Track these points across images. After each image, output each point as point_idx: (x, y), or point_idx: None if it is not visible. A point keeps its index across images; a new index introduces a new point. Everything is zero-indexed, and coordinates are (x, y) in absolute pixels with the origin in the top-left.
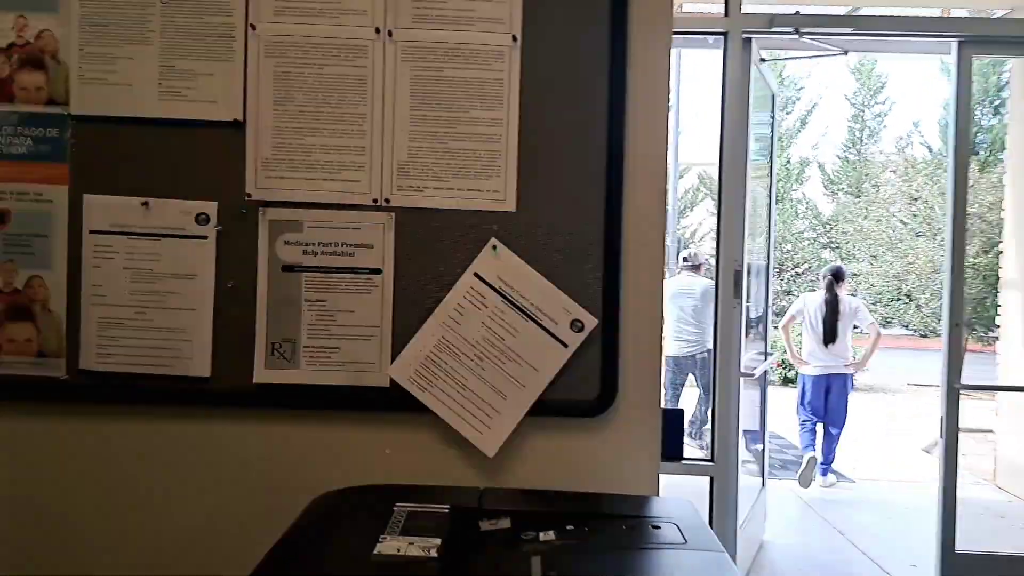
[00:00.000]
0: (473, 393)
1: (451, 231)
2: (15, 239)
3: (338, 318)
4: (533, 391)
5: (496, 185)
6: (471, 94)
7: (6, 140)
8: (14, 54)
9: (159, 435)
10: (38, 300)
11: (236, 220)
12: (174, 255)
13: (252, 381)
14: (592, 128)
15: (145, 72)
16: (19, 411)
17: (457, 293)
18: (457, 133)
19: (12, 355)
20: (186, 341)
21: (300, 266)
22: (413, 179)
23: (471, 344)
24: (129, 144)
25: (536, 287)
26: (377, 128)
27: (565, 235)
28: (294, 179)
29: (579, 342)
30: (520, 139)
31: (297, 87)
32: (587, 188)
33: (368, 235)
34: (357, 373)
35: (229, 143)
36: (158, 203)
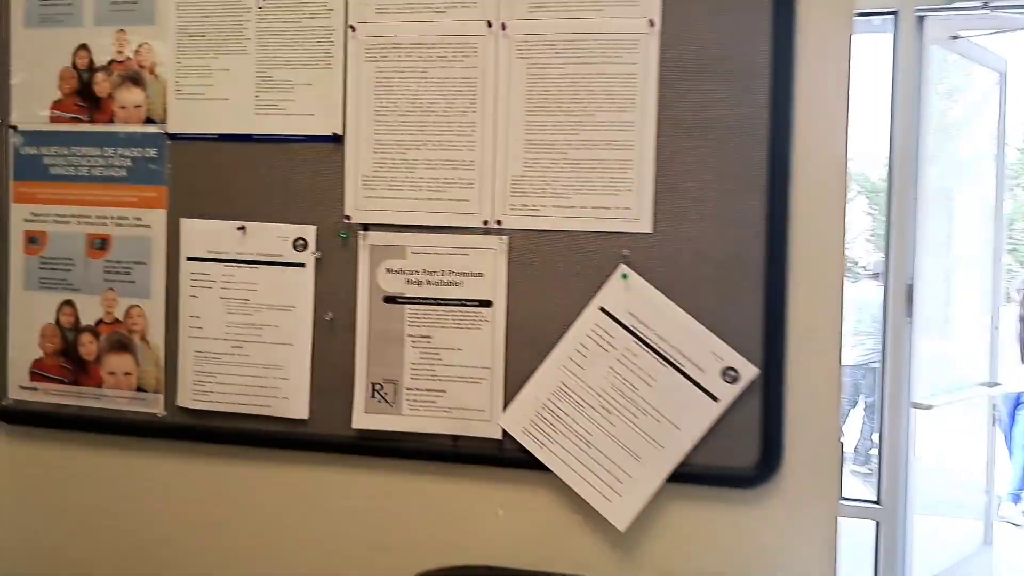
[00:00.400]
0: (600, 452)
1: (573, 256)
2: (115, 266)
3: (444, 357)
4: (674, 454)
5: (627, 201)
6: (598, 93)
7: (107, 162)
8: (114, 71)
9: (254, 479)
10: (137, 331)
11: (335, 245)
12: (271, 284)
13: (351, 426)
14: (749, 130)
15: (242, 84)
16: (118, 445)
17: (579, 331)
18: (581, 141)
19: (112, 388)
20: (283, 379)
21: (403, 297)
22: (529, 196)
23: (596, 393)
24: (225, 163)
25: (677, 325)
26: (488, 138)
27: (714, 261)
28: (396, 199)
29: (734, 396)
30: (657, 145)
31: (399, 94)
32: (743, 203)
33: (477, 262)
34: (465, 422)
35: (328, 160)
36: (255, 227)
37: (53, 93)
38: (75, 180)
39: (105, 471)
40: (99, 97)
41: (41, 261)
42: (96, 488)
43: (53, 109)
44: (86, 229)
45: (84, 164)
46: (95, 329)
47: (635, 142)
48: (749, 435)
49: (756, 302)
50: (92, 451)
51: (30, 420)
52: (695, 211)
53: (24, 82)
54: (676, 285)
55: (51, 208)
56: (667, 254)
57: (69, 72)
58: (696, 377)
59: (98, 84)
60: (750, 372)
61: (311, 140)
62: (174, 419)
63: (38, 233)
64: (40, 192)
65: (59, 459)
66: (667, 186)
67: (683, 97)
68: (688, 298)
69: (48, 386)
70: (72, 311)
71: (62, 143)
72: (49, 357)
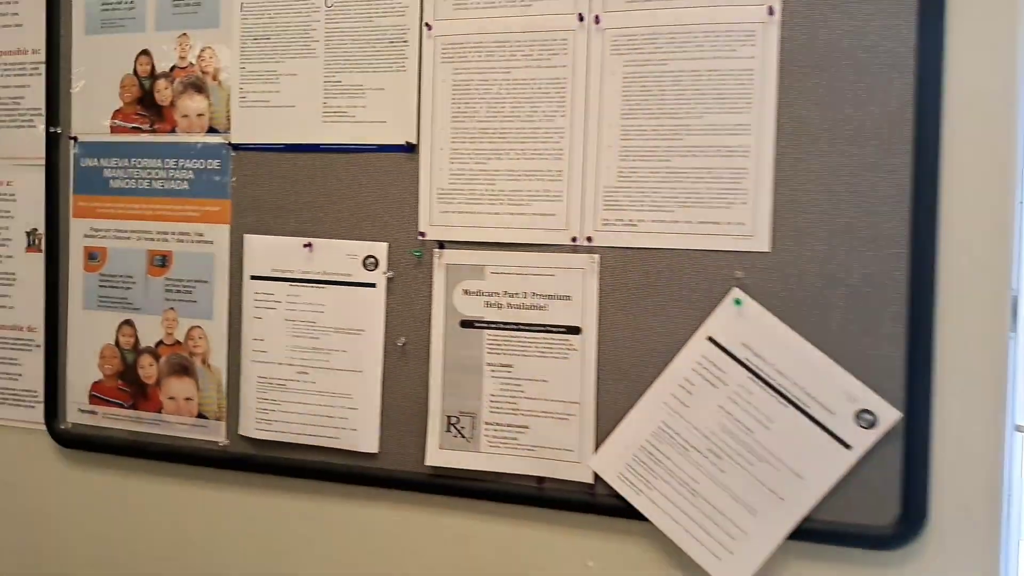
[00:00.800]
0: (707, 503)
1: (675, 279)
2: (176, 284)
3: (527, 389)
4: (797, 507)
5: (741, 215)
6: (707, 92)
7: (168, 174)
8: (176, 77)
9: (318, 515)
10: (199, 354)
11: (408, 264)
12: (339, 306)
13: (424, 462)
14: (889, 131)
15: (309, 90)
16: (178, 474)
17: (684, 364)
18: (686, 147)
19: (173, 414)
20: (351, 409)
21: (481, 321)
22: (624, 210)
23: (703, 435)
24: (291, 175)
25: (801, 360)
26: (578, 145)
27: (846, 285)
28: (475, 213)
29: (869, 443)
30: (777, 150)
31: (479, 98)
32: (881, 217)
33: (565, 283)
34: (551, 462)
35: (400, 171)
36: (322, 244)
37: (114, 102)
38: (136, 193)
39: (164, 501)
40: (160, 105)
41: (101, 278)
42: (154, 518)
43: (114, 119)
44: (147, 245)
45: (145, 176)
46: (155, 351)
47: (751, 147)
48: (887, 488)
49: (897, 333)
50: (151, 479)
51: (88, 445)
52: (822, 226)
53: (85, 91)
54: (799, 313)
55: (111, 223)
56: (788, 276)
57: (130, 79)
58: (824, 420)
59: (160, 92)
60: (890, 416)
61: (382, 149)
62: (236, 449)
63: (98, 249)
64: (100, 206)
65: (116, 486)
66: (788, 198)
67: (808, 95)
68: (814, 328)
69: (107, 410)
70: (132, 331)
71: (123, 154)
72: (108, 379)
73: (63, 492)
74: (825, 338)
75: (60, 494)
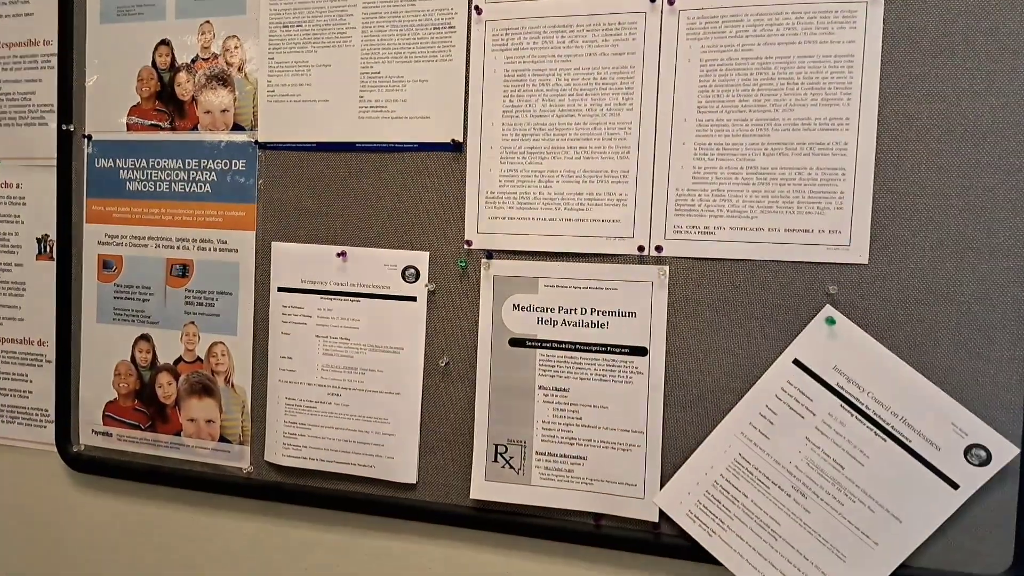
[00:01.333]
0: (790, 546)
1: (757, 294)
2: (197, 296)
3: (584, 416)
4: (893, 554)
5: (836, 222)
6: (798, 82)
7: (189, 176)
8: (198, 70)
9: (351, 549)
10: (221, 372)
11: (452, 276)
12: (375, 321)
13: (468, 495)
14: (1009, 127)
15: (344, 83)
16: (199, 502)
17: (765, 390)
18: (772, 144)
19: (193, 437)
20: (388, 435)
21: (534, 340)
22: (699, 216)
23: (787, 471)
24: (323, 177)
25: (902, 387)
26: (647, 142)
27: (956, 303)
28: (528, 220)
29: (981, 482)
30: (879, 148)
31: (535, 90)
32: (998, 225)
33: (630, 298)
34: (611, 498)
35: (445, 172)
36: (357, 253)
37: (131, 97)
38: (154, 197)
39: (183, 530)
40: (181, 100)
41: (116, 289)
42: (173, 548)
43: (131, 115)
44: (165, 253)
45: (164, 179)
46: (174, 369)
47: (848, 145)
48: (1000, 534)
49: (1016, 359)
50: (169, 507)
51: (102, 469)
52: (929, 235)
53: (99, 85)
54: (901, 333)
55: (127, 229)
56: (889, 292)
57: (148, 72)
58: (928, 456)
59: (180, 85)
60: (1006, 452)
61: (425, 148)
62: (261, 476)
63: (113, 257)
64: (116, 211)
65: (132, 515)
66: (890, 203)
67: (915, 85)
68: (918, 351)
69: (122, 431)
70: (149, 347)
71: (140, 154)
72: (124, 399)
73: (75, 519)
74: (930, 362)
75: (72, 521)
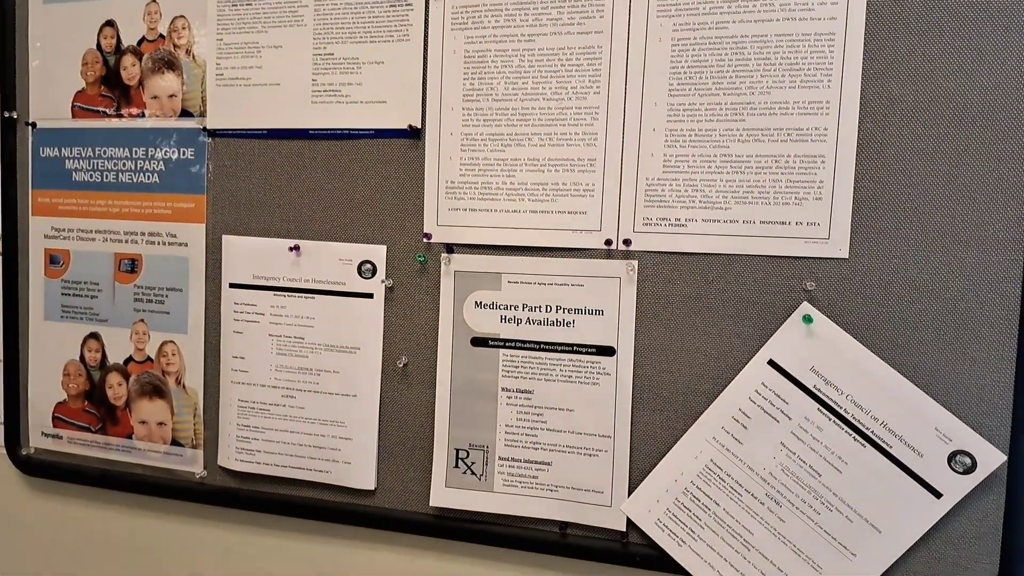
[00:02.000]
0: (764, 557)
1: (731, 290)
2: (147, 293)
3: (549, 419)
4: (872, 566)
5: (814, 213)
6: (775, 63)
7: (136, 165)
8: (144, 52)
9: (308, 558)
10: (172, 372)
11: (411, 271)
12: (331, 319)
13: (429, 503)
14: (1001, 109)
15: (296, 65)
16: (151, 507)
17: (739, 393)
18: (747, 130)
19: (144, 440)
20: (345, 439)
21: (497, 339)
22: (670, 207)
23: (760, 478)
24: (275, 166)
25: (883, 389)
26: (615, 128)
27: (941, 299)
28: (490, 212)
29: (965, 491)
30: (861, 134)
31: (496, 72)
32: (987, 216)
33: (597, 295)
34: (577, 505)
35: (402, 161)
36: (311, 247)
37: (76, 82)
38: (101, 188)
39: (136, 536)
40: (128, 85)
41: (63, 285)
42: (125, 555)
43: (76, 101)
44: (114, 248)
45: (111, 168)
46: (124, 369)
47: (828, 130)
48: (984, 544)
49: (1004, 359)
50: (121, 512)
51: (52, 473)
52: (913, 227)
53: (43, 69)
54: (882, 332)
55: (74, 222)
56: (870, 288)
57: (94, 55)
58: (910, 463)
59: (126, 69)
60: (992, 459)
61: (382, 135)
62: (214, 481)
63: (60, 252)
64: (62, 203)
65: (84, 519)
66: (872, 192)
67: (900, 64)
68: (900, 351)
69: (72, 434)
70: (98, 346)
71: (86, 142)
72: (74, 400)
73: (25, 523)
74: (913, 363)
75: (22, 526)
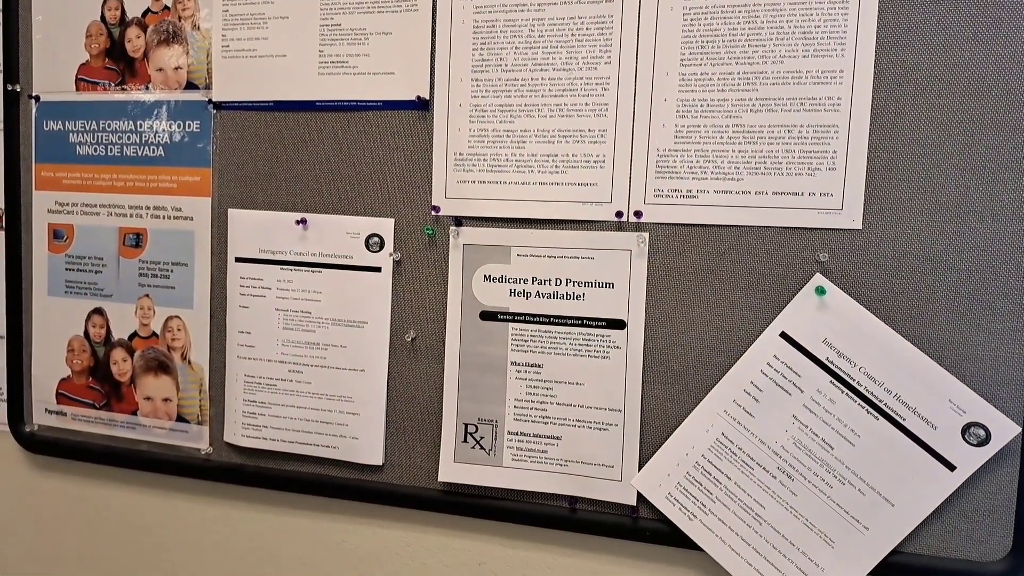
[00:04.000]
0: (776, 531)
1: (743, 262)
2: (151, 268)
3: (559, 393)
4: (885, 539)
5: (827, 184)
6: (788, 32)
7: (141, 139)
8: (149, 24)
9: (315, 534)
10: (177, 348)
11: (419, 244)
12: (338, 293)
13: (437, 478)
14: (1017, 78)
15: (303, 36)
16: (156, 484)
17: (750, 365)
18: (760, 100)
19: (149, 416)
20: (352, 414)
21: (506, 313)
22: (681, 178)
23: (772, 451)
24: (281, 138)
25: (897, 361)
26: (626, 100)
27: (956, 271)
28: (499, 184)
29: (979, 463)
30: (875, 104)
31: (506, 42)
32: (1002, 187)
33: (607, 268)
34: (586, 480)
35: (411, 132)
36: (318, 220)
37: (80, 54)
38: (105, 162)
39: (141, 513)
40: (132, 58)
41: (67, 260)
42: (130, 532)
43: (80, 74)
44: (118, 222)
45: (116, 142)
46: (129, 344)
47: (842, 100)
48: (998, 517)
49: (1018, 330)
50: (126, 489)
51: (56, 450)
52: (927, 198)
53: (47, 41)
54: (895, 304)
55: (78, 196)
56: (883, 260)
57: (98, 27)
58: (923, 435)
59: (131, 41)
60: (1007, 431)
61: (389, 107)
62: (220, 458)
63: (64, 226)
64: (66, 177)
65: (88, 496)
66: (886, 163)
67: (914, 33)
68: (914, 323)
69: (77, 410)
70: (103, 321)
71: (90, 116)
72: (78, 376)
73: (29, 501)
74: (927, 335)
75: (26, 503)
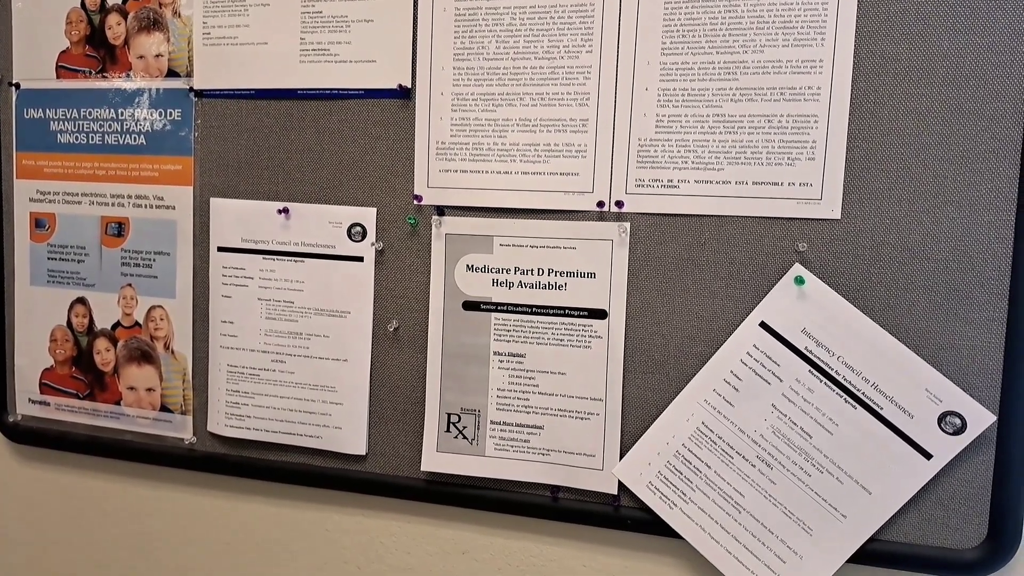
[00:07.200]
0: (755, 519)
1: (723, 252)
2: (134, 257)
3: (541, 383)
4: (862, 527)
5: (807, 174)
6: (768, 20)
7: (123, 127)
8: (130, 11)
9: (298, 524)
10: (160, 338)
11: (401, 234)
12: (320, 283)
13: (420, 467)
14: (996, 69)
15: (284, 23)
16: (139, 474)
17: (730, 355)
18: (740, 89)
19: (133, 406)
20: (335, 404)
21: (488, 303)
22: (663, 168)
23: (751, 440)
24: (263, 127)
25: (875, 351)
26: (607, 89)
27: (933, 261)
28: (481, 173)
29: (955, 451)
30: (854, 93)
31: (487, 31)
32: (980, 177)
33: (589, 257)
34: (568, 469)
35: (392, 121)
36: (300, 209)
37: (60, 41)
38: (86, 150)
39: (125, 503)
40: (113, 45)
41: (49, 249)
42: (114, 522)
43: (60, 62)
44: (100, 211)
45: (97, 130)
46: (112, 334)
47: (821, 89)
48: (973, 505)
49: (995, 320)
50: (110, 479)
51: (40, 440)
52: (905, 188)
53: (27, 27)
54: (874, 293)
55: (60, 184)
56: (862, 249)
57: (78, 14)
58: (900, 424)
59: (111, 28)
60: (982, 420)
61: (371, 95)
62: (204, 447)
63: (46, 215)
64: (47, 165)
65: (72, 486)
66: (865, 153)
67: (894, 22)
68: (891, 313)
69: (60, 400)
70: (86, 311)
71: (71, 103)
72: (61, 366)
73: (13, 491)
74: (904, 324)
75: (10, 493)
